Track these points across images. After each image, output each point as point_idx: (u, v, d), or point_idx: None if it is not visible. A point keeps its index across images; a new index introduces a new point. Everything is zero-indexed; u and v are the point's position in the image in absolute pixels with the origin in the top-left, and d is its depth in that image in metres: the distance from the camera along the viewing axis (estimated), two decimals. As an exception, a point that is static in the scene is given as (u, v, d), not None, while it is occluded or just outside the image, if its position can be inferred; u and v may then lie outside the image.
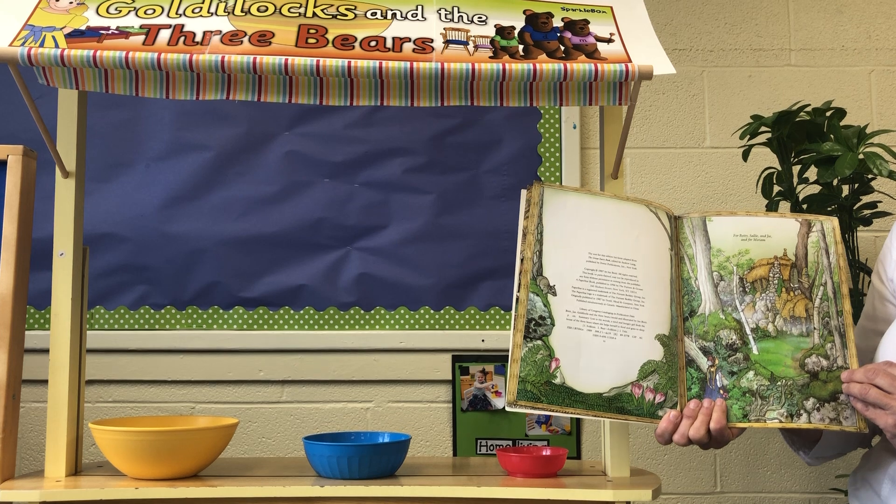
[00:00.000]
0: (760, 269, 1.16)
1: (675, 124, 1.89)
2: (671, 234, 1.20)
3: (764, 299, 1.14)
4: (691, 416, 1.08)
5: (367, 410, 1.81)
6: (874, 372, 1.03)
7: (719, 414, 1.07)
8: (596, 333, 1.11)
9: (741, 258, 1.17)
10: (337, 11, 1.18)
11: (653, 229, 1.19)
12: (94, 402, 1.78)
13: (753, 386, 1.09)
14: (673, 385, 1.11)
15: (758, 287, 1.15)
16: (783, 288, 1.15)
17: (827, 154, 1.51)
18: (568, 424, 1.78)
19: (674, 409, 1.09)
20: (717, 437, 1.08)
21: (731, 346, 1.12)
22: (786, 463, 1.80)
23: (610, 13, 1.21)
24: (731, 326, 1.13)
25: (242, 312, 1.79)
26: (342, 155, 1.83)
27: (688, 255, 1.19)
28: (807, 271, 1.16)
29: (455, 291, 1.81)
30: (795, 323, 1.13)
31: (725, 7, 1.91)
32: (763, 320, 1.13)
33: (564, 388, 1.08)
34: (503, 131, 1.84)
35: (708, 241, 1.19)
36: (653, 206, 1.21)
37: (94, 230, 1.76)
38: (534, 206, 1.17)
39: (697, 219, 1.20)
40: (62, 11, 1.16)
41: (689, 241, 1.19)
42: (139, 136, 1.83)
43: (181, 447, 1.16)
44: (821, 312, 1.14)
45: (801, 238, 1.18)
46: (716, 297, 1.15)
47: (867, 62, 1.89)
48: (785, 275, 1.16)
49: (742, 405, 1.09)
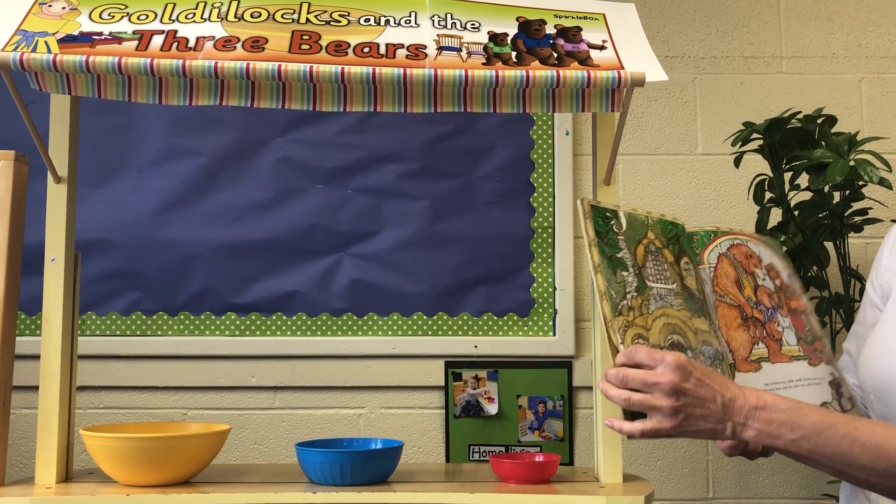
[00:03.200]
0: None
1: (667, 131, 1.89)
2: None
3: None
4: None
5: (360, 416, 1.80)
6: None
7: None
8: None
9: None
10: (330, 18, 1.19)
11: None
12: (86, 408, 1.77)
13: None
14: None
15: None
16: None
17: (818, 161, 1.51)
18: (561, 431, 1.78)
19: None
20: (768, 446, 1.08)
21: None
22: (778, 469, 1.80)
23: (602, 20, 1.22)
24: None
25: (235, 318, 1.79)
26: (335, 161, 1.83)
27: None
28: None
29: (448, 297, 1.81)
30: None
31: (717, 15, 1.92)
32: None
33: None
34: (496, 138, 1.85)
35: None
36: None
37: (87, 236, 1.76)
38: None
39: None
40: (55, 17, 1.16)
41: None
42: (132, 141, 1.82)
43: (173, 454, 1.16)
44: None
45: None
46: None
47: (857, 70, 1.90)
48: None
49: None
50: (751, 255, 1.24)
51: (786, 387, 1.14)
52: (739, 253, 1.24)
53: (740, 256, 1.24)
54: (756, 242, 1.26)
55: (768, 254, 1.25)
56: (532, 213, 1.83)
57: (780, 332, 1.18)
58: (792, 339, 1.18)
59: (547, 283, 1.82)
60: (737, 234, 1.27)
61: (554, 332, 1.81)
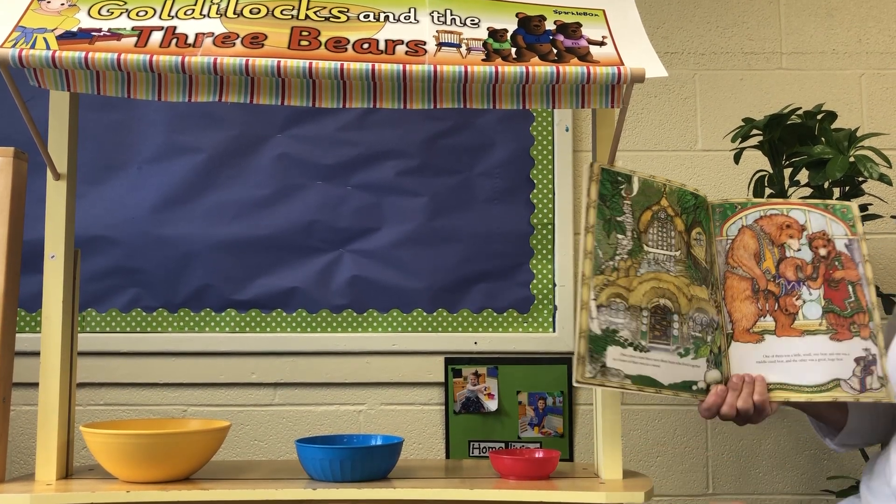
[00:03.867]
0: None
1: (667, 127, 1.89)
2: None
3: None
4: (736, 390, 1.15)
5: (360, 413, 1.81)
6: None
7: (761, 386, 1.15)
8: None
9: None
10: (329, 14, 1.18)
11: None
12: (86, 404, 1.77)
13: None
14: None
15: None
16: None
17: (818, 157, 1.51)
18: (560, 427, 1.78)
19: (719, 384, 1.16)
20: (759, 409, 1.15)
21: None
22: (777, 464, 1.81)
23: (602, 16, 1.22)
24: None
25: (235, 315, 1.79)
26: (335, 157, 1.83)
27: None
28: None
29: (448, 294, 1.81)
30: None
31: (717, 11, 1.92)
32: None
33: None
34: (496, 134, 1.85)
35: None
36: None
37: (86, 232, 1.76)
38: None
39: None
40: (54, 13, 1.16)
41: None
42: (131, 138, 1.82)
43: (173, 450, 1.16)
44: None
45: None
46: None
47: (857, 65, 1.90)
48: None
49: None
50: (788, 224, 1.25)
51: (788, 360, 1.17)
52: (771, 224, 1.25)
53: (770, 227, 1.25)
54: (807, 210, 1.26)
55: (822, 221, 1.25)
56: (532, 209, 1.83)
57: (798, 305, 1.20)
58: (813, 313, 1.19)
59: (547, 279, 1.82)
60: (776, 203, 1.28)
61: (554, 329, 1.81)
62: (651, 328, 1.14)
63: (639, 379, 1.11)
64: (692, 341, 1.16)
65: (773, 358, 1.18)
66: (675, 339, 1.15)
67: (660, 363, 1.13)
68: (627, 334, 1.13)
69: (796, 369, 1.17)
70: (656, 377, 1.12)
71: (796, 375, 1.17)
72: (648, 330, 1.14)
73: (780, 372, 1.17)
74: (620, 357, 1.11)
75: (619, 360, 1.11)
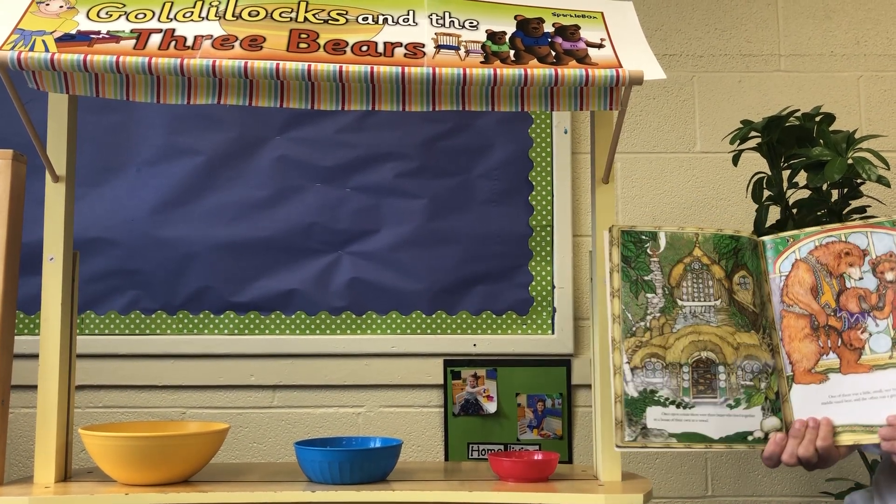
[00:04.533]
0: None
1: (665, 129, 1.89)
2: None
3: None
4: (798, 437, 1.10)
5: (359, 415, 1.80)
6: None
7: (826, 431, 1.09)
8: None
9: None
10: (328, 16, 1.19)
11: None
12: (85, 407, 1.77)
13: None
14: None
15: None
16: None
17: (816, 159, 1.51)
18: (560, 429, 1.78)
19: (779, 431, 1.12)
20: (824, 456, 1.09)
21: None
22: (778, 468, 1.80)
23: (601, 19, 1.22)
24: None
25: (234, 317, 1.79)
26: (334, 159, 1.83)
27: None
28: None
29: (447, 296, 1.81)
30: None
31: (715, 13, 1.92)
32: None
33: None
34: (495, 136, 1.85)
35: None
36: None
37: (86, 234, 1.76)
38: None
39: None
40: (52, 15, 1.16)
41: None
42: (131, 140, 1.82)
43: (171, 453, 1.16)
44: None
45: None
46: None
47: (856, 68, 1.90)
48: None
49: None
50: (847, 252, 1.17)
51: (857, 399, 1.11)
52: (827, 253, 1.18)
53: (827, 257, 1.17)
54: (870, 231, 1.18)
55: (888, 241, 1.16)
56: (531, 211, 1.83)
57: (864, 339, 1.13)
58: (882, 346, 1.12)
59: (546, 281, 1.82)
60: (833, 229, 1.19)
61: (553, 331, 1.81)
62: (694, 383, 1.12)
63: (685, 436, 1.10)
64: (743, 391, 1.13)
65: (840, 398, 1.11)
66: (722, 392, 1.12)
67: (707, 417, 1.11)
68: (668, 392, 1.11)
69: (866, 408, 1.10)
70: (705, 432, 1.10)
71: (866, 415, 1.09)
72: (691, 385, 1.12)
73: (848, 413, 1.10)
74: (662, 417, 1.10)
75: (660, 420, 1.10)
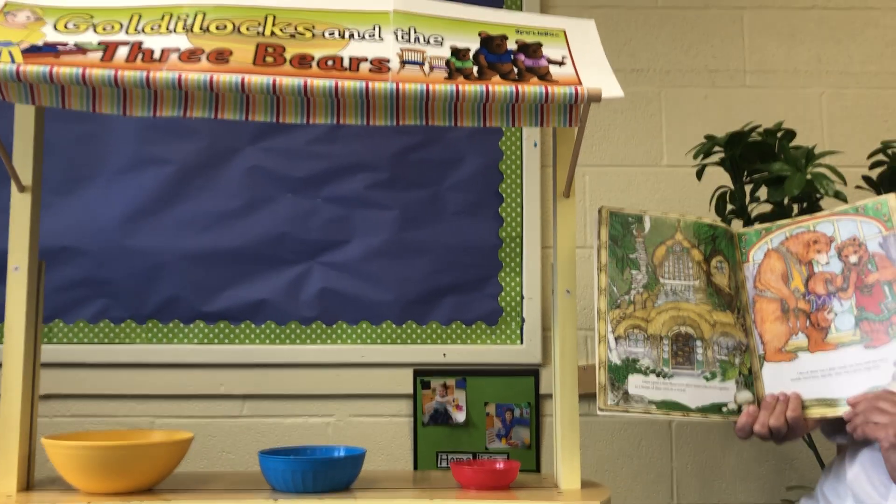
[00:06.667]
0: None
1: (633, 143, 1.93)
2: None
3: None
4: (769, 409, 1.16)
5: (329, 425, 1.81)
6: (876, 397, 1.09)
7: (795, 403, 1.15)
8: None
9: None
10: (295, 31, 1.20)
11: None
12: (52, 416, 1.76)
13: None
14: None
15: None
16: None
17: (777, 174, 1.55)
18: (528, 438, 1.80)
19: (752, 404, 1.18)
20: (793, 426, 1.15)
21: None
22: (740, 475, 1.84)
23: (563, 37, 1.25)
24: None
25: (203, 327, 1.79)
26: (305, 170, 1.84)
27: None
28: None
29: (417, 306, 1.82)
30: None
31: (682, 29, 1.96)
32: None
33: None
34: (465, 148, 1.87)
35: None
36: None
37: (55, 243, 1.75)
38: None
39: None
40: (19, 26, 1.16)
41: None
42: (101, 149, 1.83)
43: (134, 462, 1.16)
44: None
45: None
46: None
47: (818, 84, 1.95)
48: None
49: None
50: (815, 240, 1.25)
51: (823, 375, 1.17)
52: (797, 242, 1.27)
53: (797, 246, 1.26)
54: (835, 219, 1.25)
55: (852, 226, 1.23)
56: (500, 222, 1.86)
57: (830, 319, 1.20)
58: (846, 324, 1.19)
59: (515, 291, 1.84)
60: (802, 220, 1.28)
61: (521, 341, 1.83)
62: (673, 355, 1.19)
63: (663, 404, 1.16)
64: (718, 365, 1.20)
65: (808, 374, 1.17)
66: (699, 364, 1.19)
67: (685, 388, 1.17)
68: (648, 362, 1.18)
69: (832, 384, 1.15)
70: (682, 401, 1.16)
71: (833, 390, 1.15)
72: (670, 357, 1.19)
73: (816, 388, 1.16)
74: (643, 384, 1.16)
75: (641, 388, 1.16)
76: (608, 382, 1.15)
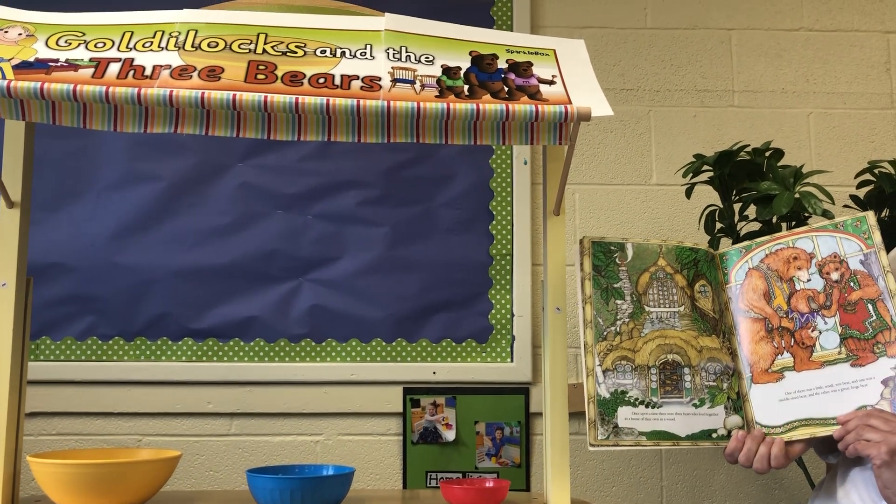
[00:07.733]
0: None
1: (622, 162, 1.94)
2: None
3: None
4: (756, 441, 1.16)
5: (317, 443, 1.80)
6: (868, 415, 1.09)
7: (778, 449, 1.14)
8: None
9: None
10: (287, 49, 1.21)
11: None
12: (38, 434, 1.75)
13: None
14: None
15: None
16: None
17: (765, 193, 1.56)
18: (518, 457, 1.79)
19: (741, 429, 1.18)
20: (776, 463, 1.15)
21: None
22: (730, 494, 1.83)
23: (553, 56, 1.26)
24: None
25: (192, 344, 1.78)
26: (296, 187, 1.84)
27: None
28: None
29: (407, 324, 1.82)
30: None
31: (671, 49, 1.98)
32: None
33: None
34: (456, 166, 1.88)
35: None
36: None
37: (43, 259, 1.75)
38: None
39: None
40: (11, 43, 1.16)
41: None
42: (91, 165, 1.82)
43: (120, 480, 1.15)
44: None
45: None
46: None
47: (806, 104, 1.97)
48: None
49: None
50: (795, 256, 1.24)
51: (811, 394, 1.16)
52: (777, 259, 1.25)
53: (777, 263, 1.25)
54: (815, 235, 1.24)
55: (831, 243, 1.22)
56: (491, 240, 1.86)
57: (815, 337, 1.18)
58: (831, 342, 1.17)
59: (505, 309, 1.84)
60: (781, 236, 1.26)
61: (511, 359, 1.83)
62: (661, 384, 1.18)
63: (654, 434, 1.15)
64: (707, 391, 1.19)
65: (795, 394, 1.16)
66: (688, 392, 1.19)
67: (675, 416, 1.17)
68: (637, 393, 1.17)
69: (820, 403, 1.14)
70: (672, 430, 1.16)
71: (820, 409, 1.14)
72: (659, 386, 1.18)
73: (803, 407, 1.16)
74: (632, 416, 1.16)
75: (631, 420, 1.15)
76: (598, 417, 1.15)
